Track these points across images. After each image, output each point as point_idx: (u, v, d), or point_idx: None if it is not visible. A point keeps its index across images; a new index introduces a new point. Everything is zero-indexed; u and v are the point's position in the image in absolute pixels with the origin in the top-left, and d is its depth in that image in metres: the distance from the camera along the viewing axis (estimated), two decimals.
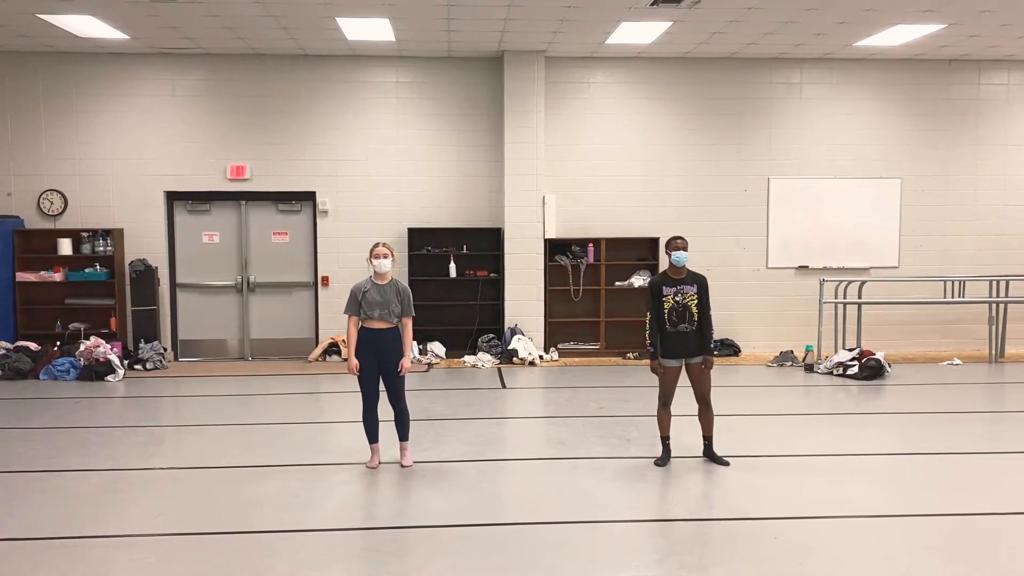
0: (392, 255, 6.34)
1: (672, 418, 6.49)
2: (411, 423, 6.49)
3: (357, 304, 6.27)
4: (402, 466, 6.36)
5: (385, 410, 6.38)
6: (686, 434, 6.75)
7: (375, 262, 6.28)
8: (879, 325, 11.49)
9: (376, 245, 6.33)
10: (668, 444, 6.48)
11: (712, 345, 6.45)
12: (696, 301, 6.26)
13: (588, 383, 9.83)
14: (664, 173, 11.58)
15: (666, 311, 6.25)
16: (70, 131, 11.09)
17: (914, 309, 11.65)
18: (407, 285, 6.47)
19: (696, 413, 6.50)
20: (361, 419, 6.42)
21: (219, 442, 7.22)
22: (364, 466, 6.36)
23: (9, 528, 5.16)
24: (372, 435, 6.42)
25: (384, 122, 11.38)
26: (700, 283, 6.33)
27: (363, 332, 6.29)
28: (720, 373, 10.42)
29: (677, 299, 6.24)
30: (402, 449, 6.44)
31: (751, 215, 11.70)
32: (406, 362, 6.36)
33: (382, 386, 6.38)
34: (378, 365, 6.30)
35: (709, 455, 6.46)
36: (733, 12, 9.18)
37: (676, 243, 6.33)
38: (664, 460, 6.42)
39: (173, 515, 5.41)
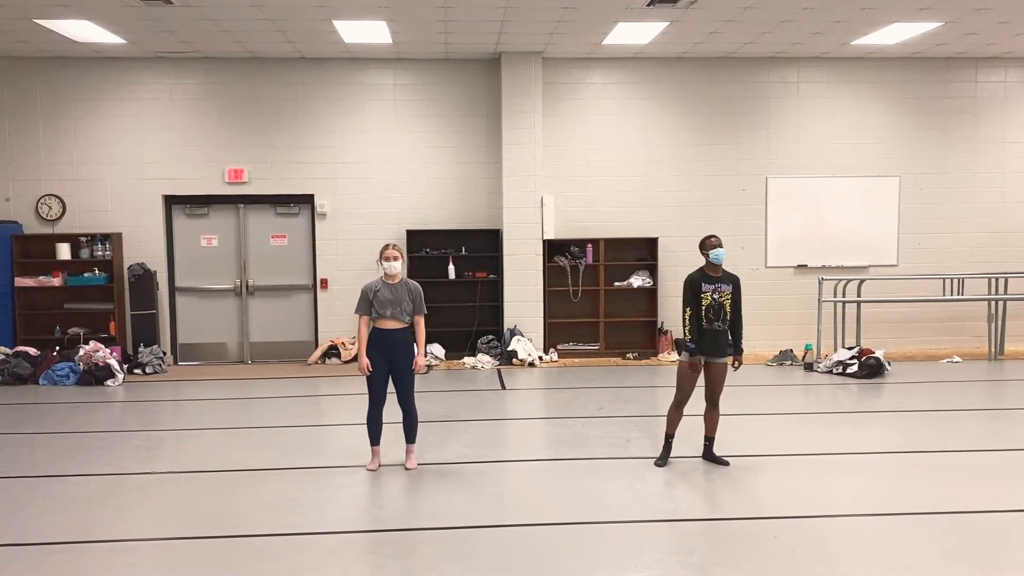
0: (402, 257, 6.37)
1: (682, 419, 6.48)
2: None
3: (368, 304, 6.27)
4: (406, 468, 6.35)
5: (390, 414, 6.37)
6: (688, 434, 6.74)
7: (385, 264, 6.28)
8: (878, 323, 11.49)
9: (386, 247, 6.35)
10: (671, 443, 6.46)
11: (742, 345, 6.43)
12: (730, 300, 6.26)
13: (588, 384, 9.83)
14: (662, 173, 11.59)
15: (703, 308, 6.22)
16: (68, 136, 11.09)
17: (913, 307, 11.65)
18: (417, 284, 6.45)
19: (703, 413, 6.47)
20: (366, 420, 6.41)
21: (219, 446, 7.22)
22: (364, 468, 6.36)
23: (10, 533, 5.15)
24: (374, 437, 6.41)
25: (382, 124, 11.38)
26: (735, 283, 6.37)
27: (374, 333, 6.28)
28: None
29: (714, 297, 6.23)
30: (408, 452, 6.44)
31: (749, 214, 11.70)
32: (420, 359, 6.37)
33: (391, 388, 6.35)
34: (388, 365, 6.28)
35: (709, 456, 6.46)
36: (730, 12, 9.18)
37: (712, 241, 6.31)
38: (663, 460, 6.41)
39: (173, 519, 5.40)
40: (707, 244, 6.31)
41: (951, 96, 11.75)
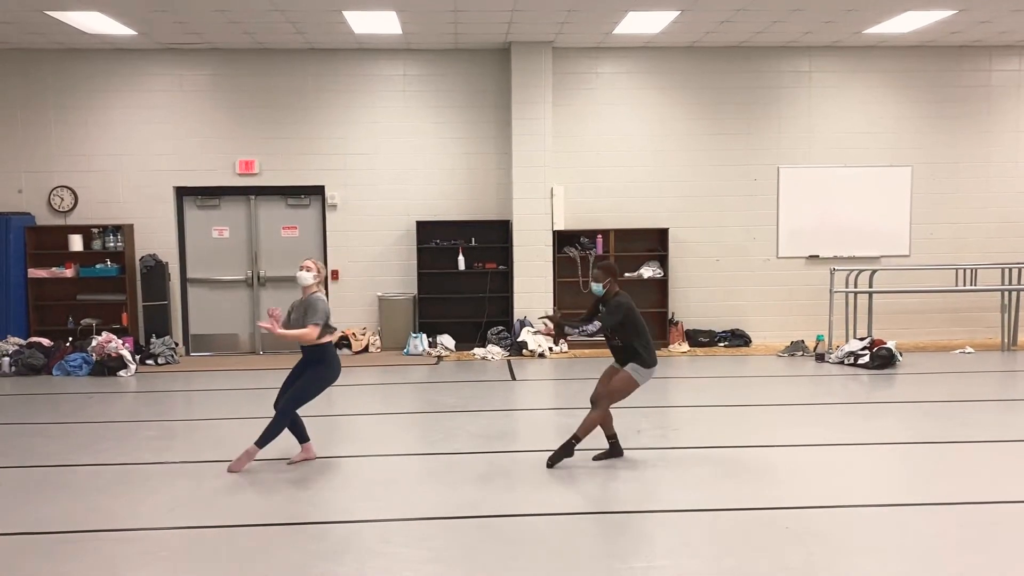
0: (316, 269, 6.15)
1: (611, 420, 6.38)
2: (416, 415, 6.39)
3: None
4: (231, 470, 6.07)
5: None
6: (693, 428, 6.74)
7: (296, 274, 6.19)
8: (890, 314, 11.44)
9: (309, 259, 6.26)
10: (613, 442, 6.36)
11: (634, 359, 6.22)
12: (610, 324, 6.15)
13: (598, 375, 9.73)
14: (673, 163, 11.55)
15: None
16: (79, 128, 11.13)
17: (925, 297, 11.60)
18: (322, 297, 6.13)
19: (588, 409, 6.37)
20: None
21: (231, 436, 7.23)
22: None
23: (23, 522, 5.20)
24: (297, 436, 6.37)
25: (392, 115, 11.38)
26: (610, 310, 6.18)
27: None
28: (731, 363, 10.44)
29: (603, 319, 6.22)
30: (246, 451, 6.13)
31: (761, 204, 11.65)
32: (275, 325, 6.10)
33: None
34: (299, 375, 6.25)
35: (560, 452, 6.22)
36: (741, 0, 9.12)
37: (593, 273, 6.30)
38: (601, 458, 6.32)
39: (186, 509, 5.43)
40: (591, 275, 6.30)
41: (965, 85, 11.65)
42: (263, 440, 6.11)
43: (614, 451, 6.36)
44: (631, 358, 6.19)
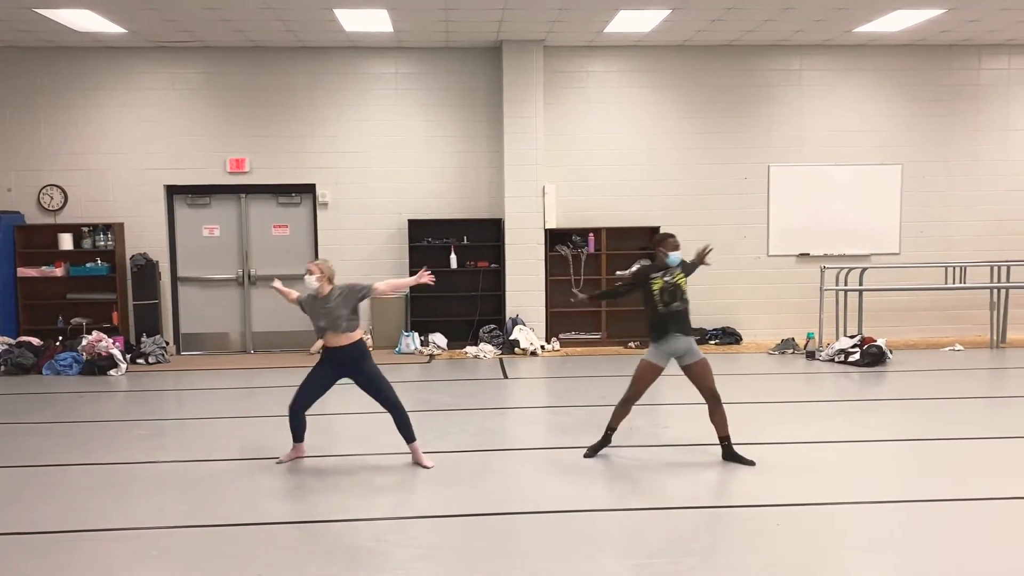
0: (317, 271, 6.06)
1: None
2: (408, 413, 6.31)
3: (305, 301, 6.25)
4: (425, 467, 6.09)
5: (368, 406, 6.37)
6: (690, 424, 6.74)
7: (304, 278, 6.08)
8: (880, 312, 11.50)
9: (310, 262, 6.19)
10: (610, 436, 6.33)
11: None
12: (683, 277, 6.09)
13: (590, 373, 9.84)
14: (664, 161, 11.57)
15: (656, 292, 6.03)
16: (69, 126, 11.08)
17: (915, 295, 11.66)
18: (352, 283, 6.13)
19: (708, 415, 6.16)
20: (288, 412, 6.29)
21: (222, 435, 7.23)
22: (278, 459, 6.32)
23: (13, 522, 5.17)
24: (296, 435, 6.33)
25: (383, 113, 11.37)
26: (682, 263, 6.16)
27: (324, 349, 6.17)
28: (721, 361, 10.45)
29: (667, 280, 6.05)
30: (413, 452, 6.20)
31: (751, 203, 11.69)
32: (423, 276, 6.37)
33: (364, 397, 6.23)
34: (335, 379, 6.21)
35: (730, 456, 6.12)
36: None
37: (672, 242, 6.10)
38: (593, 452, 6.31)
39: (177, 508, 5.42)
40: (668, 244, 6.09)
41: (954, 83, 11.71)
42: (410, 434, 6.14)
43: (605, 442, 6.36)
44: (689, 327, 6.09)
